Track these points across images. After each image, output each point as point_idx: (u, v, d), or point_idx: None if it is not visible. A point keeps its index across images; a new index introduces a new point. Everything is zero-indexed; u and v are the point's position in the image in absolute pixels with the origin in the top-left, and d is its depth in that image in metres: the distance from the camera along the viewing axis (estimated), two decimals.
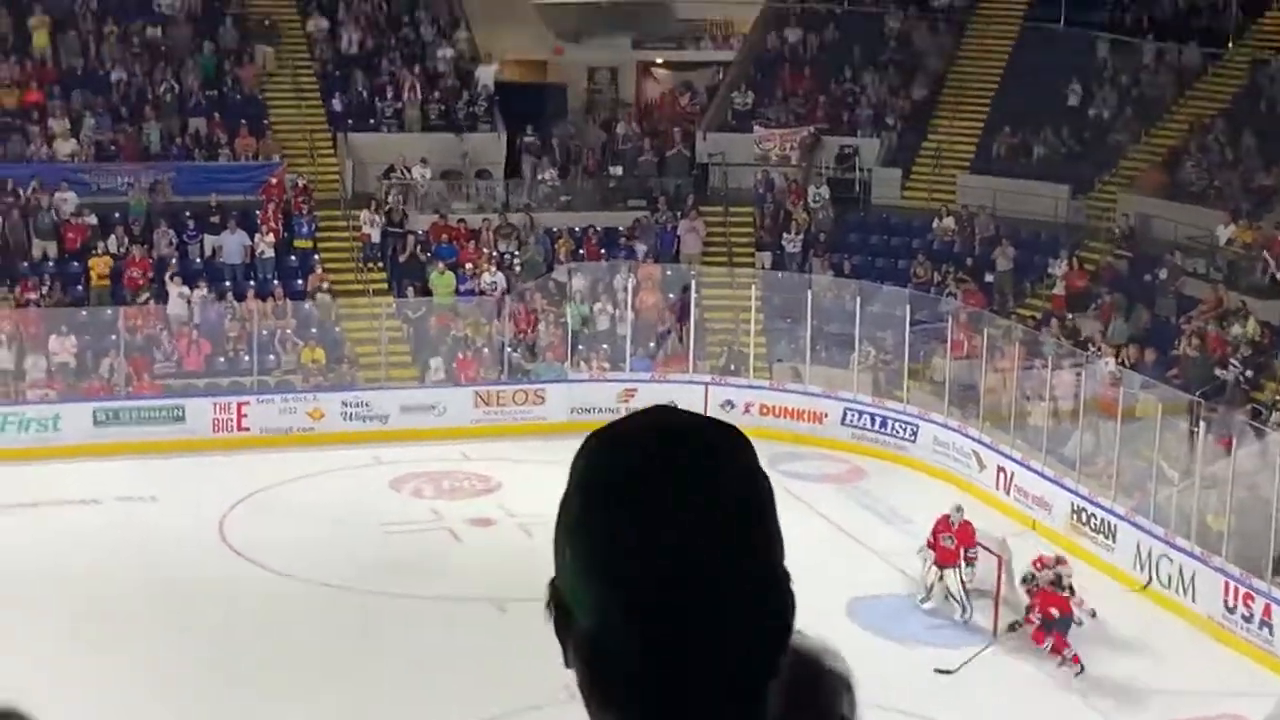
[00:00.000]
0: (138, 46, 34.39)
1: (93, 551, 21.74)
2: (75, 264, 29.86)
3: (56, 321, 27.83)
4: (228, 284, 29.94)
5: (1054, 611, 19.04)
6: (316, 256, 31.04)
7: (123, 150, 32.33)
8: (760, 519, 1.98)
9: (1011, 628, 19.61)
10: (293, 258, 31.17)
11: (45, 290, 28.64)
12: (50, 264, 29.83)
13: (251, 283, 30.10)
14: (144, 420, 26.44)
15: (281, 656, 18.51)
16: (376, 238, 31.62)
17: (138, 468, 25.17)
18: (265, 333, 28.59)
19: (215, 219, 31.02)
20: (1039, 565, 19.73)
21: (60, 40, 34.07)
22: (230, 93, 34.37)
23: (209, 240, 30.90)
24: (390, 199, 32.28)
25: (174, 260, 30.17)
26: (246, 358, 28.29)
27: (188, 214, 31.08)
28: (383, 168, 33.37)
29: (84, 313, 28.59)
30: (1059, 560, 20.12)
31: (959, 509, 21.04)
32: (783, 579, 1.98)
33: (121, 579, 20.77)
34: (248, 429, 26.86)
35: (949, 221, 32.66)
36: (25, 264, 29.55)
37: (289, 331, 28.75)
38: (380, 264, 31.61)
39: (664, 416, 2.00)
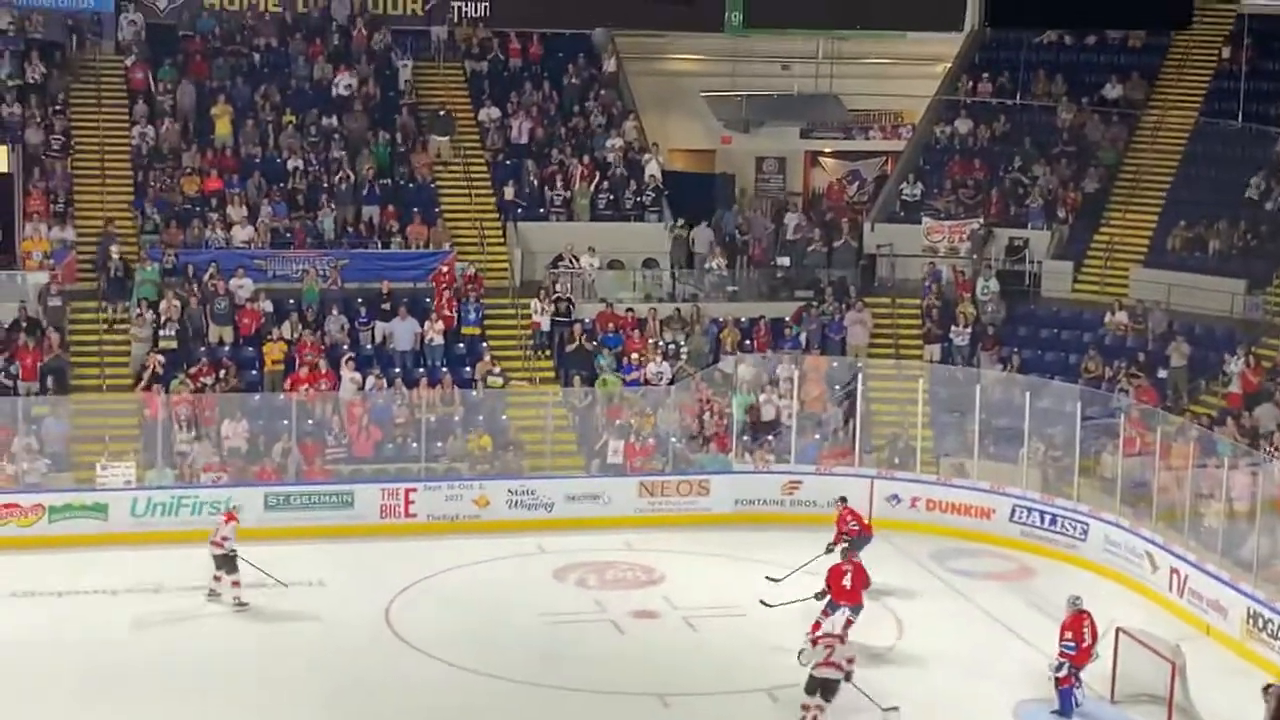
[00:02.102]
0: (314, 135, 35.13)
1: (261, 635, 21.98)
2: (250, 349, 30.42)
3: (231, 406, 28.32)
4: (397, 370, 30.29)
5: None
6: (485, 344, 31.33)
7: (297, 237, 32.99)
8: None
9: None
10: (461, 345, 31.49)
11: (220, 375, 29.19)
12: (226, 349, 30.42)
13: (421, 369, 30.46)
14: (314, 505, 26.74)
15: None
16: (546, 326, 31.85)
17: (307, 552, 25.47)
18: (433, 419, 28.84)
19: (386, 306, 31.46)
20: None
21: (240, 129, 34.91)
22: (403, 181, 34.94)
23: (380, 327, 31.35)
24: (558, 288, 32.52)
25: (345, 346, 30.64)
26: (415, 444, 28.55)
27: (360, 300, 31.58)
28: (551, 256, 33.67)
29: (257, 397, 29.08)
30: None
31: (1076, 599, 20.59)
32: None
33: (288, 663, 20.96)
34: (414, 515, 27.05)
35: (1121, 316, 32.12)
36: (202, 348, 30.16)
37: (456, 419, 28.97)
38: (547, 352, 31.83)
39: None
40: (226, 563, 23.38)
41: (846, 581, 21.94)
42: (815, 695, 18.75)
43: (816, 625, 21.10)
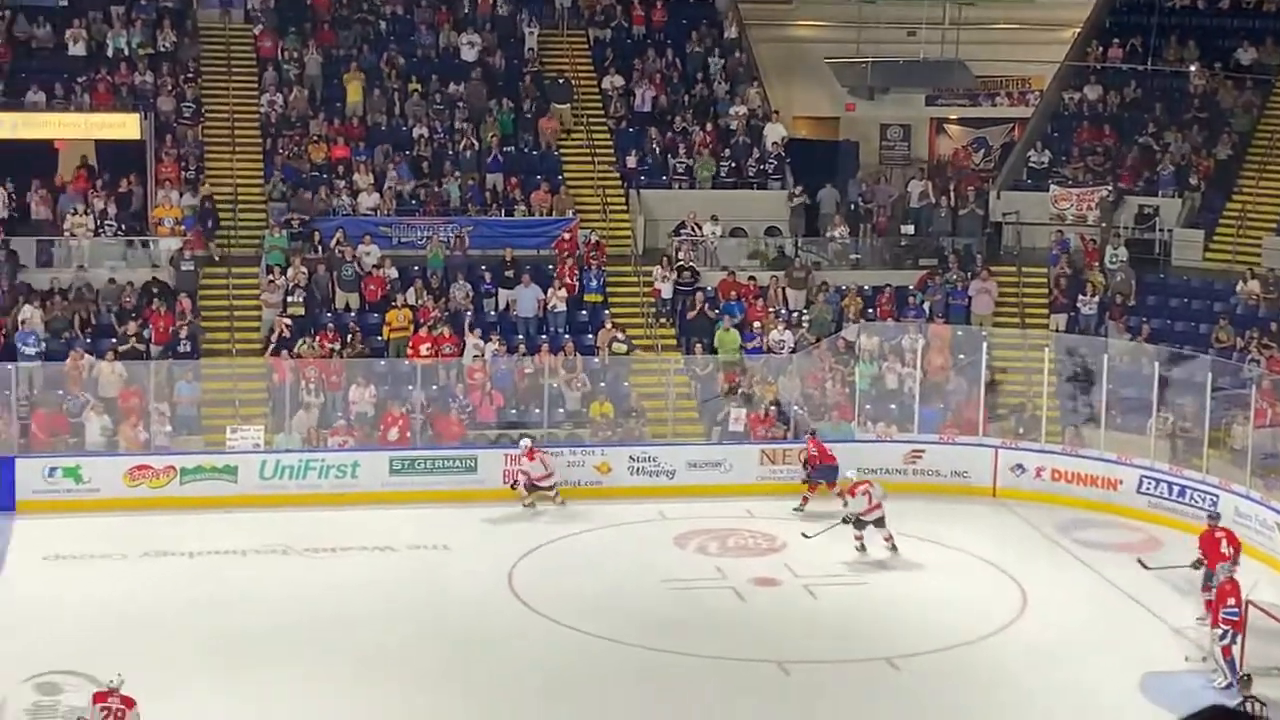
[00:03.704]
0: (440, 103, 35.34)
1: (384, 598, 22.23)
2: (375, 315, 30.71)
3: (356, 371, 28.64)
4: (520, 337, 30.45)
5: None
6: (607, 311, 31.41)
7: (423, 205, 33.24)
8: None
9: None
10: (583, 312, 31.60)
11: (346, 340, 29.51)
12: (351, 314, 30.73)
13: (543, 336, 30.60)
14: (437, 470, 26.97)
15: (560, 710, 18.61)
16: (668, 293, 31.87)
17: (431, 517, 25.72)
18: (555, 386, 28.99)
19: (510, 273, 31.63)
20: None
21: (367, 97, 35.21)
22: (527, 149, 35.07)
23: (503, 293, 31.52)
24: (681, 255, 32.51)
25: (469, 313, 30.85)
26: (537, 410, 28.71)
27: (483, 267, 31.77)
28: (673, 224, 33.66)
29: (382, 363, 29.37)
30: None
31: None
32: None
33: (410, 625, 21.16)
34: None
35: (1253, 285, 31.56)
36: (328, 314, 30.50)
37: (578, 386, 29.10)
38: (669, 320, 31.84)
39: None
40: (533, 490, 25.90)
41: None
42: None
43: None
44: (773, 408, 28.99)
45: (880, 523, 24.27)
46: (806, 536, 24.84)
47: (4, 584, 22.45)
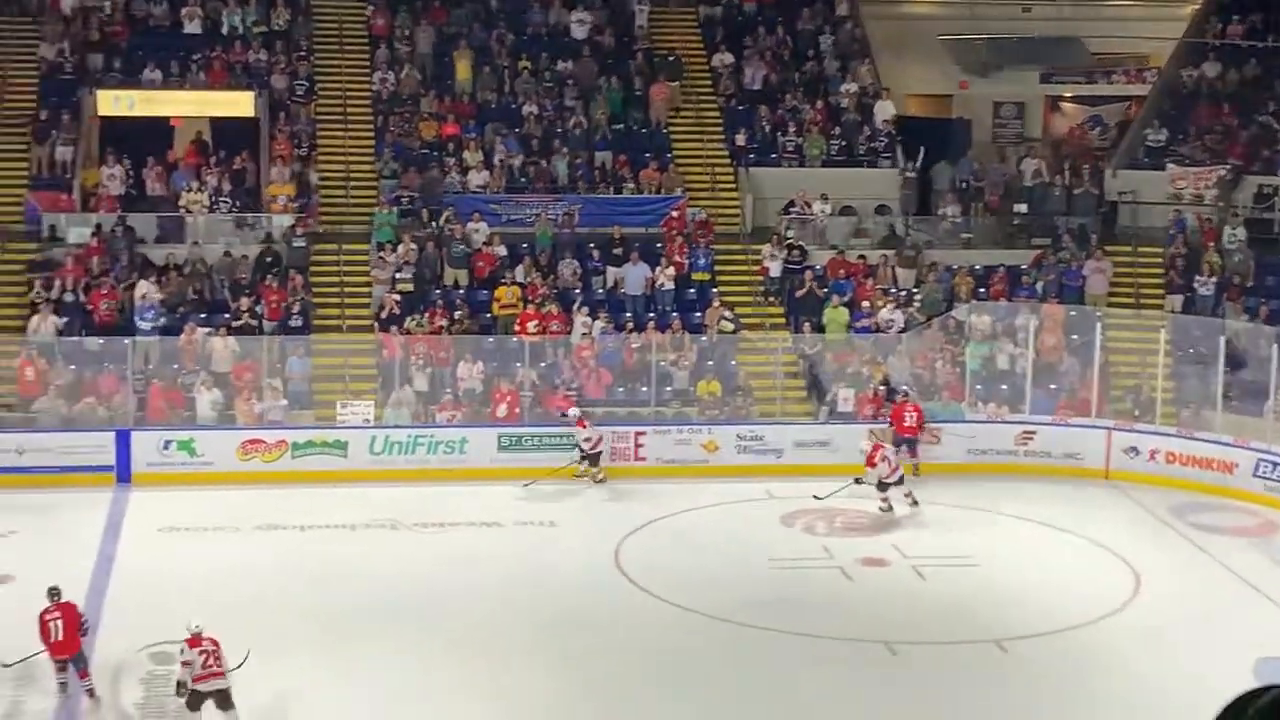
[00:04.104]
0: (549, 81, 35.38)
1: (491, 573, 22.31)
2: (484, 292, 30.82)
3: (465, 348, 28.77)
4: (628, 315, 30.43)
5: None
6: (714, 289, 31.32)
7: (532, 182, 33.30)
8: None
9: None
10: (691, 290, 31.53)
11: (455, 317, 29.64)
12: (460, 291, 30.86)
13: (651, 314, 30.56)
14: (545, 447, 27.03)
15: (666, 688, 18.59)
16: (776, 272, 31.73)
17: (538, 493, 25.79)
18: (663, 364, 28.96)
19: (618, 250, 31.62)
20: None
21: (477, 74, 35.31)
22: (636, 126, 35.03)
23: (611, 271, 31.52)
24: (790, 234, 32.35)
25: (577, 290, 30.89)
26: (645, 388, 28.70)
27: (592, 245, 31.78)
28: (782, 202, 33.50)
29: (490, 340, 29.47)
30: None
31: None
32: None
33: (516, 601, 21.22)
34: (644, 459, 27.19)
35: None
36: (437, 291, 30.65)
37: (686, 364, 29.05)
38: (778, 298, 31.70)
39: None
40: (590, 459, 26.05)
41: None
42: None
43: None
44: (881, 388, 28.78)
45: (900, 481, 24.92)
46: (817, 498, 25.23)
47: (120, 555, 22.76)
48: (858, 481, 25.24)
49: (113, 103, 33.43)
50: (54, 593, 17.99)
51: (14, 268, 30.63)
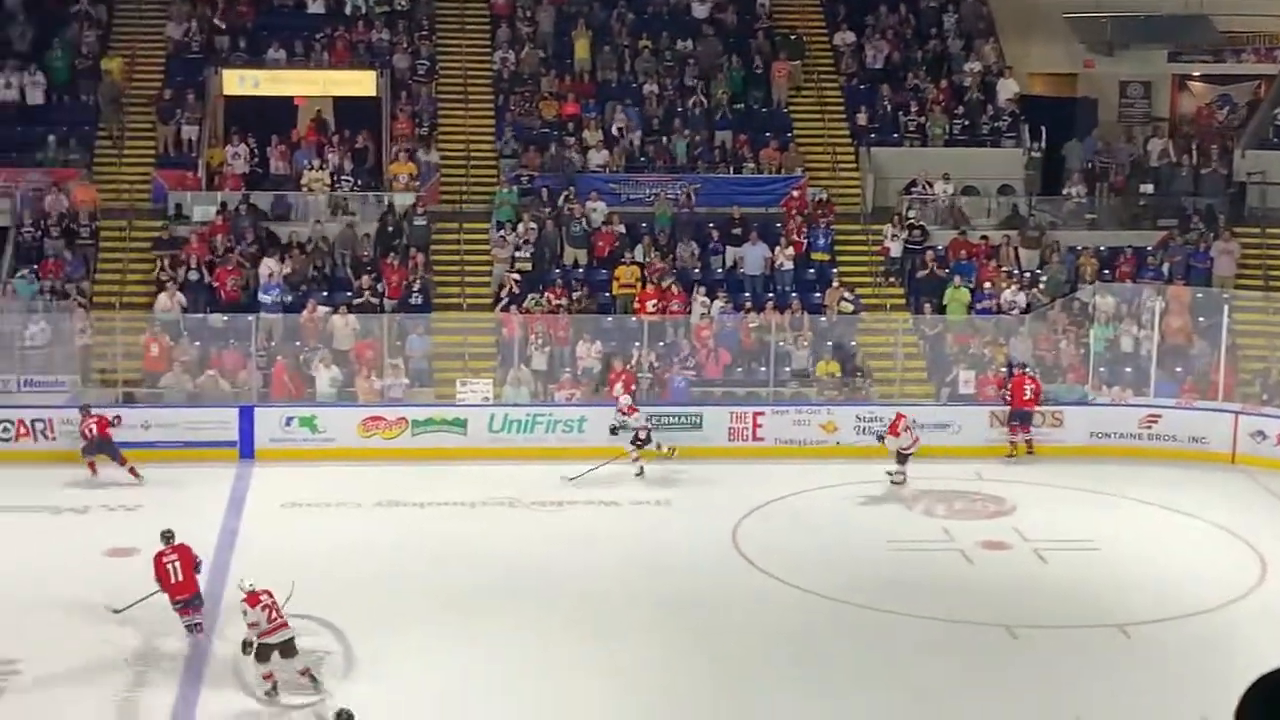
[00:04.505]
0: (670, 60, 35.31)
1: (609, 552, 22.34)
2: (603, 271, 30.86)
3: (583, 327, 28.81)
4: (747, 295, 30.34)
5: None
6: (834, 270, 31.14)
7: (652, 162, 33.28)
8: None
9: None
10: (811, 270, 31.37)
11: (574, 296, 29.68)
12: (579, 270, 30.91)
13: (770, 294, 30.45)
14: (662, 427, 26.97)
15: (782, 668, 18.48)
16: (897, 252, 31.49)
17: (654, 471, 25.78)
18: (782, 344, 28.86)
19: (737, 230, 31.51)
20: None
21: (597, 54, 35.32)
22: (757, 106, 34.87)
23: (730, 251, 31.43)
24: (911, 214, 32.09)
25: (696, 270, 30.83)
26: (763, 369, 28.61)
27: (711, 225, 31.69)
28: (903, 182, 33.23)
29: (609, 319, 29.49)
30: None
31: None
32: None
33: (633, 580, 21.21)
34: (762, 439, 27.10)
35: None
36: (557, 270, 30.72)
37: (804, 344, 28.92)
38: (898, 279, 31.46)
39: None
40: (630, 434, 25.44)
41: None
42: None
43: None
44: (1003, 370, 28.48)
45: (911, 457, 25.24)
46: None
47: (243, 530, 23.04)
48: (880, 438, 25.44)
49: (238, 82, 33.81)
50: (168, 535, 18.56)
51: (141, 245, 31.09)
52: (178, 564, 18.17)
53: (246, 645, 17.07)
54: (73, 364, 28.22)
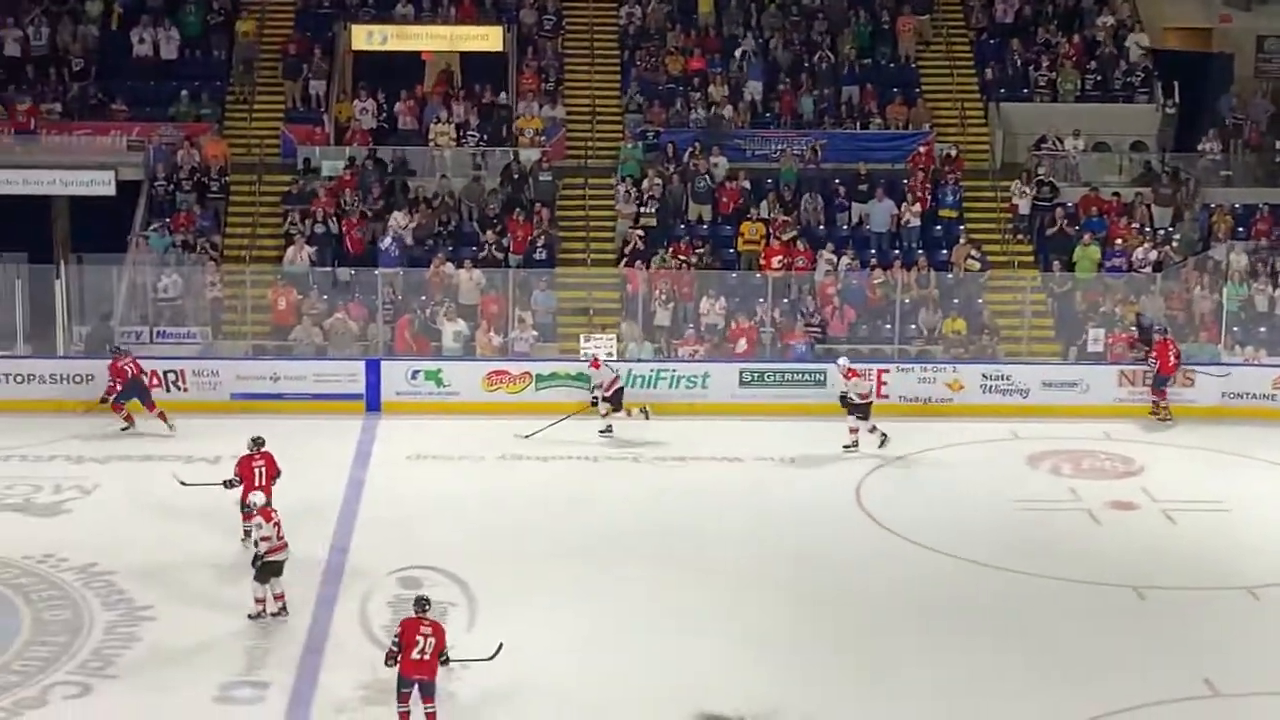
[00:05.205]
0: (796, 14, 35.04)
1: (731, 508, 22.32)
2: (727, 227, 30.75)
3: (708, 283, 28.75)
4: (873, 252, 30.11)
5: None
6: (961, 227, 30.82)
7: (777, 117, 33.08)
8: None
9: None
10: (938, 227, 31.08)
11: (698, 252, 29.61)
12: (704, 226, 30.83)
13: (896, 251, 30.20)
14: (787, 383, 26.92)
15: (906, 624, 18.39)
16: (1025, 209, 31.12)
17: (778, 429, 25.71)
18: (908, 301, 28.62)
19: (863, 187, 31.26)
20: None
21: (724, 8, 35.14)
22: (884, 61, 34.55)
23: (856, 208, 31.20)
24: (1040, 170, 31.67)
25: (821, 226, 30.65)
26: (888, 326, 28.41)
27: (837, 181, 31.47)
28: (1033, 138, 32.80)
29: (734, 275, 29.40)
30: None
31: None
32: None
33: (756, 536, 21.18)
34: (887, 396, 26.82)
35: None
36: (681, 226, 30.66)
37: (933, 301, 28.67)
38: (1027, 236, 31.09)
39: None
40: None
41: None
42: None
43: None
44: (1133, 328, 28.07)
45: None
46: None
47: (369, 480, 23.29)
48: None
49: (366, 38, 34.02)
50: (258, 441, 19.81)
51: (271, 199, 31.44)
52: (264, 469, 19.44)
53: (257, 559, 17.86)
54: (204, 316, 28.64)
